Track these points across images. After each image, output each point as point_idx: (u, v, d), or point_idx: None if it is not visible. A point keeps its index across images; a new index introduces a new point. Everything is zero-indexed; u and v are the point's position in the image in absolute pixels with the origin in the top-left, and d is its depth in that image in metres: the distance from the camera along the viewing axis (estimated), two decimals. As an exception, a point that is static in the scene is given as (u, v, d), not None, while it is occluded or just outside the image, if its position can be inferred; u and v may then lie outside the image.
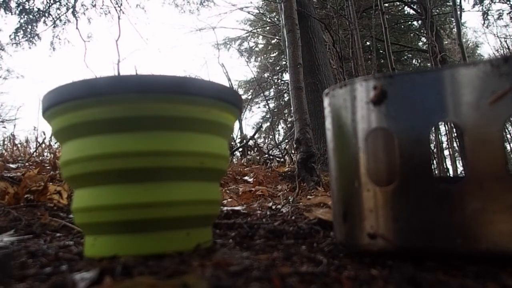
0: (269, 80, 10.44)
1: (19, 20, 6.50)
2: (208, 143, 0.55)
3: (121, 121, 0.50)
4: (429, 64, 7.37)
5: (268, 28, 10.08)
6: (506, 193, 0.38)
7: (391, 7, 8.89)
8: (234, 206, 1.19)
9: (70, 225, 0.84)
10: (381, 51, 8.20)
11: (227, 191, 1.81)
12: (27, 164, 2.23)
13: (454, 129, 7.77)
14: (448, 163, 9.95)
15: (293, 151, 3.92)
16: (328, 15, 6.79)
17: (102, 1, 7.03)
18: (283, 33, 3.68)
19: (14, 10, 6.33)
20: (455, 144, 9.39)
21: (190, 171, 0.53)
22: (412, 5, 8.48)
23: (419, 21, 8.89)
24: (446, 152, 10.21)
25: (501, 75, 0.40)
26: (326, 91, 0.52)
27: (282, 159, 4.27)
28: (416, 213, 0.42)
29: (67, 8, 6.71)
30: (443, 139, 10.19)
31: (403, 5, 8.95)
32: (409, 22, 9.42)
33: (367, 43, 8.70)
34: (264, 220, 0.86)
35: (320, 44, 4.79)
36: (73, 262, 0.48)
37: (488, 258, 0.39)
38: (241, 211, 1.03)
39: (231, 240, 0.61)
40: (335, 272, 0.38)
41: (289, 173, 2.77)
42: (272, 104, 10.68)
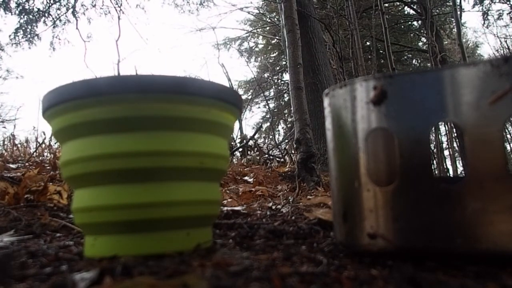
0: (269, 80, 10.44)
1: (19, 20, 6.51)
2: (208, 143, 0.55)
3: (121, 121, 0.50)
4: (429, 64, 7.37)
5: (268, 28, 10.08)
6: (506, 193, 0.38)
7: (391, 7, 8.89)
8: (234, 206, 1.19)
9: (70, 225, 0.84)
10: (381, 51, 8.20)
11: (227, 191, 1.81)
12: (27, 164, 2.23)
13: (454, 129, 7.77)
14: (448, 163, 9.96)
15: (293, 151, 3.92)
16: (328, 15, 6.79)
17: (102, 1, 7.03)
18: (283, 33, 3.68)
19: (14, 10, 6.34)
20: (455, 144, 9.39)
21: (190, 171, 0.53)
22: (412, 5, 8.48)
23: (419, 21, 8.90)
24: (446, 152, 10.22)
25: (501, 75, 0.40)
26: (326, 91, 0.52)
27: (282, 159, 4.27)
28: (416, 213, 0.42)
29: (67, 8, 6.71)
30: (443, 139, 10.19)
31: (403, 5, 8.96)
32: (409, 22, 9.42)
33: (367, 43, 8.70)
34: (264, 220, 0.86)
35: (320, 44, 4.79)
36: (73, 262, 0.48)
37: (488, 258, 0.39)
38: (241, 211, 1.03)
39: (231, 240, 0.61)
40: (335, 272, 0.38)
41: (289, 173, 2.77)
42: (272, 104, 10.68)
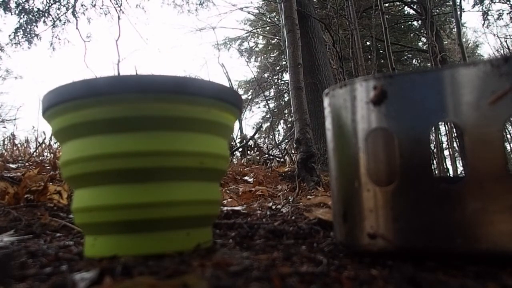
0: (269, 80, 10.44)
1: (18, 20, 6.51)
2: (208, 143, 0.55)
3: (121, 121, 0.50)
4: (429, 64, 7.37)
5: (268, 28, 10.08)
6: (506, 193, 0.38)
7: (391, 7, 8.89)
8: (234, 206, 1.19)
9: (70, 225, 0.84)
10: (381, 51, 8.20)
11: (227, 191, 1.81)
12: (27, 164, 2.23)
13: (454, 129, 7.77)
14: (448, 163, 9.96)
15: (293, 151, 3.92)
16: (328, 15, 6.79)
17: (102, 1, 7.04)
18: (283, 33, 3.68)
19: (14, 10, 6.34)
20: (455, 144, 9.39)
21: (190, 171, 0.53)
22: (412, 5, 8.48)
23: (419, 21, 8.90)
24: (446, 152, 10.22)
25: (501, 75, 0.40)
26: (326, 91, 0.52)
27: (282, 159, 4.27)
28: (416, 213, 0.42)
29: (66, 8, 6.72)
30: (443, 139, 10.20)
31: (403, 5, 8.96)
32: (409, 22, 9.42)
33: (367, 43, 8.70)
34: (264, 220, 0.86)
35: (320, 44, 4.79)
36: (73, 262, 0.48)
37: (488, 258, 0.39)
38: (241, 211, 1.03)
39: (231, 240, 0.61)
40: (335, 272, 0.38)
41: (289, 173, 2.77)
42: (272, 104, 10.69)
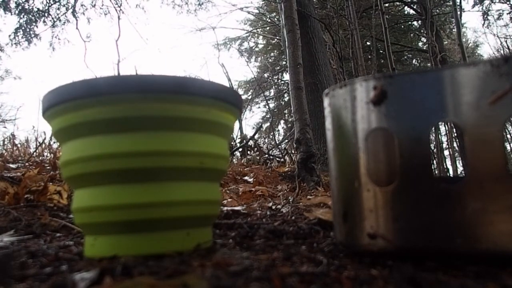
0: (269, 80, 10.44)
1: (18, 20, 6.51)
2: (208, 143, 0.55)
3: (121, 121, 0.50)
4: (429, 64, 7.37)
5: (268, 28, 10.08)
6: (506, 193, 0.38)
7: (391, 7, 8.89)
8: (234, 206, 1.19)
9: (70, 225, 0.84)
10: (381, 51, 8.20)
11: (227, 191, 1.81)
12: (27, 164, 2.23)
13: (454, 129, 7.77)
14: (448, 163, 9.96)
15: (293, 151, 3.92)
16: (328, 15, 6.79)
17: (102, 1, 7.04)
18: (283, 33, 3.68)
19: (14, 10, 6.34)
20: (455, 144, 9.39)
21: (190, 171, 0.53)
22: (412, 5, 8.49)
23: (419, 21, 8.90)
24: (446, 152, 10.22)
25: (501, 75, 0.40)
26: (326, 91, 0.52)
27: (282, 159, 4.27)
28: (416, 213, 0.42)
29: (66, 8, 6.72)
30: (443, 139, 10.20)
31: (403, 5, 8.96)
32: (409, 22, 9.42)
33: (367, 43, 8.70)
34: (264, 220, 0.86)
35: (320, 44, 4.78)
36: (73, 262, 0.48)
37: (488, 258, 0.39)
38: (241, 211, 1.03)
39: (231, 240, 0.61)
40: (335, 272, 0.38)
41: (289, 173, 2.77)
42: (272, 104, 10.69)
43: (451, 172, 9.10)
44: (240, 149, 4.22)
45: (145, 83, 0.50)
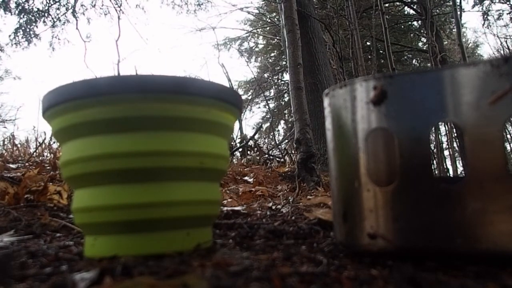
0: (269, 80, 10.44)
1: (18, 20, 6.51)
2: (208, 143, 0.55)
3: (121, 121, 0.50)
4: (429, 64, 7.37)
5: (268, 28, 10.08)
6: (506, 193, 0.38)
7: (391, 7, 8.89)
8: (234, 206, 1.19)
9: (70, 225, 0.84)
10: (381, 51, 8.20)
11: (227, 191, 1.81)
12: (27, 164, 2.23)
13: (454, 129, 7.77)
14: (448, 163, 9.96)
15: (293, 151, 3.92)
16: (328, 15, 6.79)
17: (102, 1, 7.04)
18: (283, 33, 3.68)
19: (14, 10, 6.34)
20: (455, 144, 9.39)
21: (190, 171, 0.53)
22: (412, 5, 8.48)
23: (419, 21, 8.90)
24: (446, 152, 10.22)
25: (501, 75, 0.40)
26: (326, 91, 0.52)
27: (282, 159, 4.27)
28: (416, 213, 0.42)
29: (66, 9, 6.72)
30: (443, 139, 10.20)
31: (403, 5, 8.96)
32: (409, 22, 9.42)
33: (367, 43, 8.70)
34: (264, 220, 0.86)
35: (320, 44, 4.78)
36: (73, 262, 0.48)
37: (488, 258, 0.39)
38: (241, 211, 1.03)
39: (231, 240, 0.61)
40: (335, 272, 0.38)
41: (289, 173, 2.77)
42: (272, 104, 10.69)
43: (451, 172, 9.11)
44: (240, 149, 4.22)
45: (145, 83, 0.50)
